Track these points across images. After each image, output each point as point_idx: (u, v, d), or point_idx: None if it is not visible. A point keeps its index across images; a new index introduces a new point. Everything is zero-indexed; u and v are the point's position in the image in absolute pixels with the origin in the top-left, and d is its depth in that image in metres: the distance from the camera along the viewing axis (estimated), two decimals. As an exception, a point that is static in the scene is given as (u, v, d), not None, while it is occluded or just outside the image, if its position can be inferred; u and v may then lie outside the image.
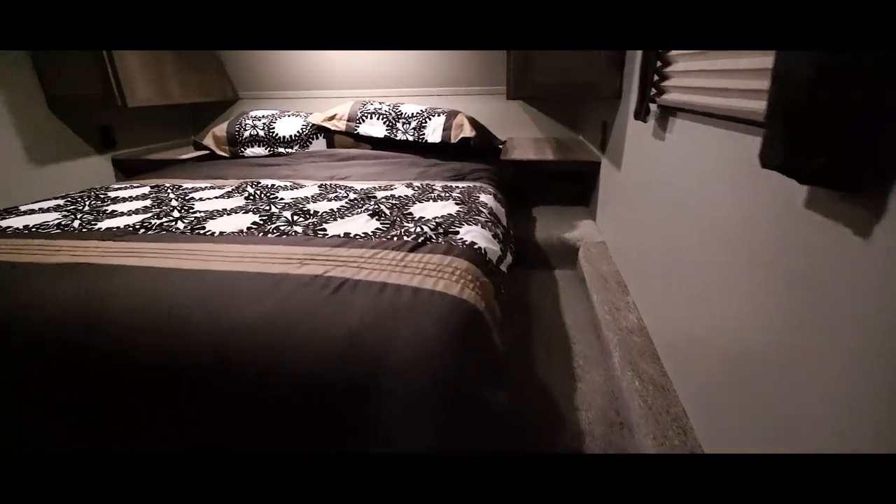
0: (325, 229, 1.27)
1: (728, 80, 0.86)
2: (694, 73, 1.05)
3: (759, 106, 0.74)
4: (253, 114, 2.53)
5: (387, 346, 0.78)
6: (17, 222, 1.43)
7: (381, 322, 0.81)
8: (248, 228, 1.30)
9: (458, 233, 1.25)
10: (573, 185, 2.59)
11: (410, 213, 1.41)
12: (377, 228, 1.28)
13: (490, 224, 1.40)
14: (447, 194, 1.62)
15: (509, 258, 1.47)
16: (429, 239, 1.19)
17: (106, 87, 2.14)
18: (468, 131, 2.23)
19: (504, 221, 1.63)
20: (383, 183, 1.83)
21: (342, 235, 1.22)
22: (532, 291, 1.95)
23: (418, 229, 1.25)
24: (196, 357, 0.80)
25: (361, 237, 1.21)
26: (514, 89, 1.95)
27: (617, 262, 1.84)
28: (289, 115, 2.50)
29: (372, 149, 2.42)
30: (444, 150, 2.32)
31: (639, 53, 1.53)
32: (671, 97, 1.17)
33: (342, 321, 0.81)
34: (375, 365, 0.76)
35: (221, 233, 1.28)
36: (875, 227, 0.53)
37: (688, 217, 1.09)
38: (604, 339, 1.45)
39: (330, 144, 2.45)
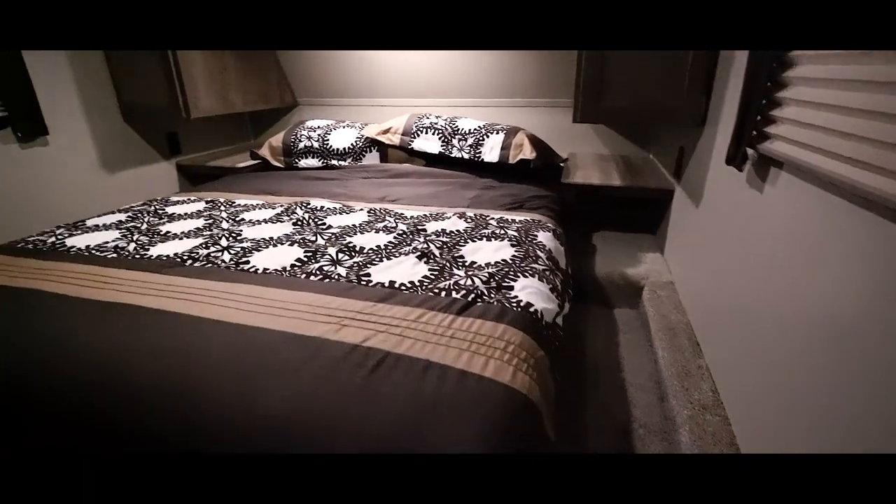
0: (369, 275, 1.19)
1: (878, 151, 0.68)
2: (818, 128, 0.86)
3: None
4: (309, 124, 2.51)
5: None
6: (80, 241, 1.46)
7: (421, 422, 0.72)
8: (292, 266, 1.25)
9: (512, 288, 1.13)
10: (640, 209, 2.38)
11: (461, 257, 1.31)
12: (424, 277, 1.18)
13: (548, 273, 1.27)
14: (503, 231, 1.50)
15: (567, 308, 1.33)
16: (480, 296, 1.08)
17: (172, 98, 2.18)
18: (528, 152, 2.09)
19: (563, 263, 1.49)
20: (435, 210, 1.74)
21: (386, 284, 1.14)
22: (588, 333, 1.79)
23: (469, 282, 1.15)
24: (216, 439, 0.74)
25: (407, 288, 1.13)
26: (581, 113, 1.79)
27: (688, 310, 1.65)
28: (344, 127, 2.47)
29: (426, 164, 2.33)
30: (501, 170, 2.19)
31: (736, 81, 1.33)
32: (779, 148, 0.98)
33: (376, 421, 0.72)
34: (411, 476, 0.67)
35: (265, 270, 1.24)
36: None
37: (788, 290, 0.91)
38: (669, 408, 1.29)
39: (383, 158, 2.39)
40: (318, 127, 2.47)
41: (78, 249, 1.41)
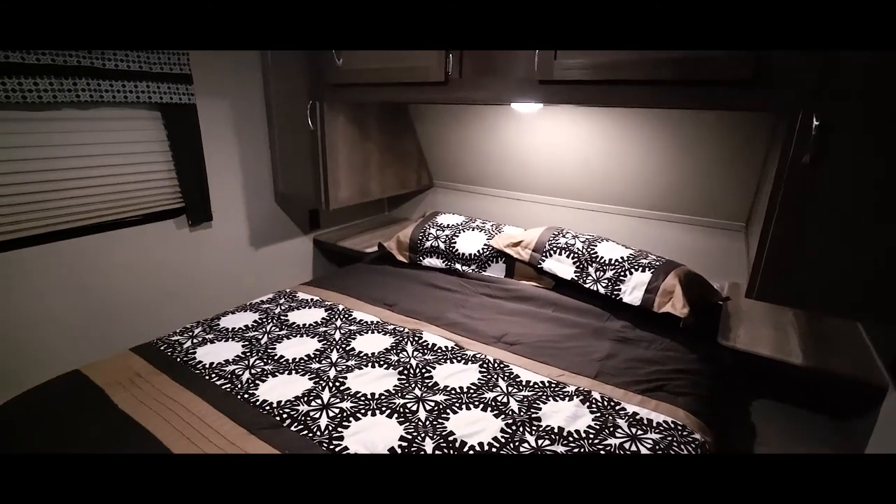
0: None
1: None
2: None
3: None
4: (439, 220, 2.47)
5: None
6: (207, 354, 1.55)
7: None
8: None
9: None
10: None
11: None
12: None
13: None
14: (634, 445, 1.22)
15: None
16: None
17: (316, 189, 2.31)
18: (678, 306, 1.74)
19: (712, 507, 1.15)
20: (555, 375, 1.51)
21: (480, 535, 0.95)
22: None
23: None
24: None
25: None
26: (760, 289, 1.41)
27: None
28: (473, 229, 2.37)
29: (553, 287, 2.11)
30: (641, 313, 1.88)
31: None
32: None
33: None
34: None
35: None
36: None
37: None
38: None
39: (509, 271, 2.23)
40: (448, 226, 2.40)
41: (203, 367, 1.48)
